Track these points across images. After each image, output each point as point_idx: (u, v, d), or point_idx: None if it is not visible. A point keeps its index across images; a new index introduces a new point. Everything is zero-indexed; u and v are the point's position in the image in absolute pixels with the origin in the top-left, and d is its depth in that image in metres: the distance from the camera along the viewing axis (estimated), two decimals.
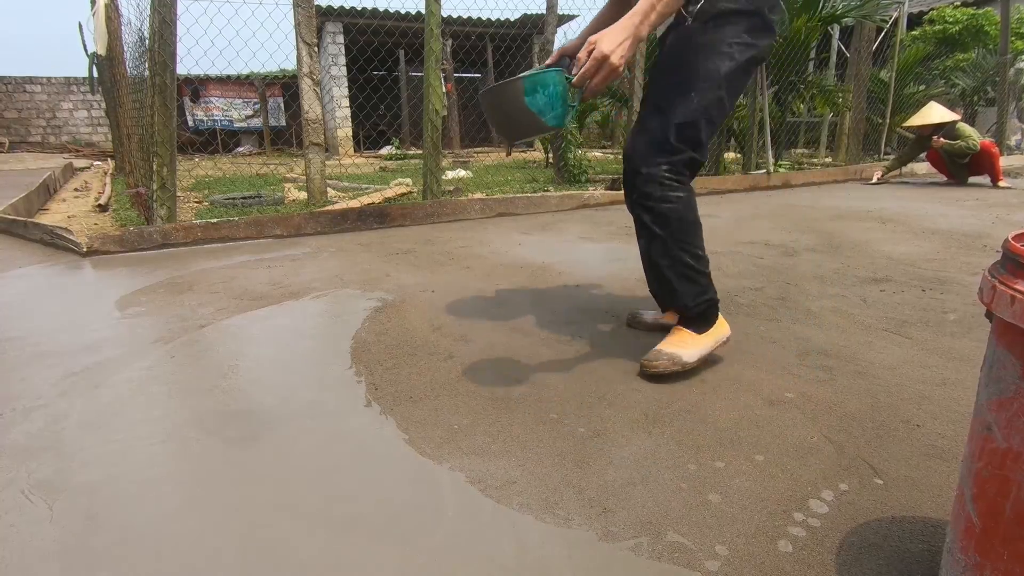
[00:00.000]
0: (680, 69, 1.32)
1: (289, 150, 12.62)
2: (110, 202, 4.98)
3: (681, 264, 1.41)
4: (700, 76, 1.29)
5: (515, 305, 1.97)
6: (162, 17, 3.11)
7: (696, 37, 1.31)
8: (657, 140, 1.34)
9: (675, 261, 1.41)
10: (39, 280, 2.46)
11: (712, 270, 1.54)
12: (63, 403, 1.30)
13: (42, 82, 12.27)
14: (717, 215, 3.98)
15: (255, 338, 1.71)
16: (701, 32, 1.30)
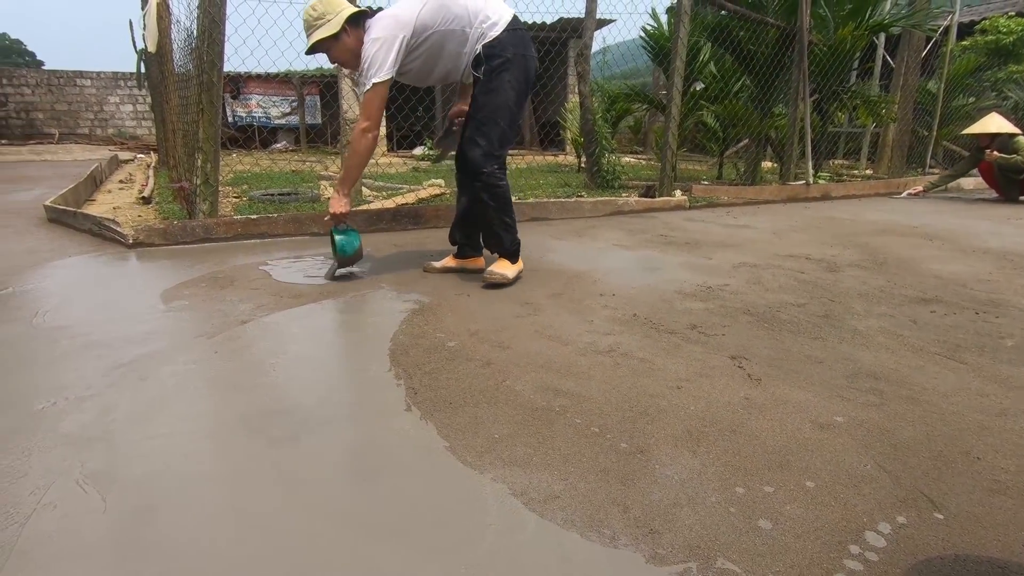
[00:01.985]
0: (486, 107, 2.16)
1: (324, 147, 12.82)
2: (153, 195, 5.12)
3: (503, 222, 2.28)
4: (497, 107, 2.16)
5: (551, 313, 1.96)
6: (212, 17, 3.18)
7: (488, 84, 2.14)
8: (486, 152, 2.18)
9: (501, 220, 2.27)
10: (88, 269, 2.53)
11: (752, 283, 2.20)
12: (112, 394, 1.33)
13: (92, 76, 12.71)
14: (754, 226, 3.90)
15: (295, 336, 1.73)
16: (487, 81, 2.14)
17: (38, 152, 9.97)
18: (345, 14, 2.10)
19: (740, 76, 6.11)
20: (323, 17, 2.10)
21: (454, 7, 2.12)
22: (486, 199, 2.23)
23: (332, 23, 2.09)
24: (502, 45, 2.13)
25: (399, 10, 2.09)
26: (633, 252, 3.00)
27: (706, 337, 1.74)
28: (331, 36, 2.10)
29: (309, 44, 2.16)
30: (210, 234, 3.11)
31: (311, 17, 2.12)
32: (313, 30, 2.13)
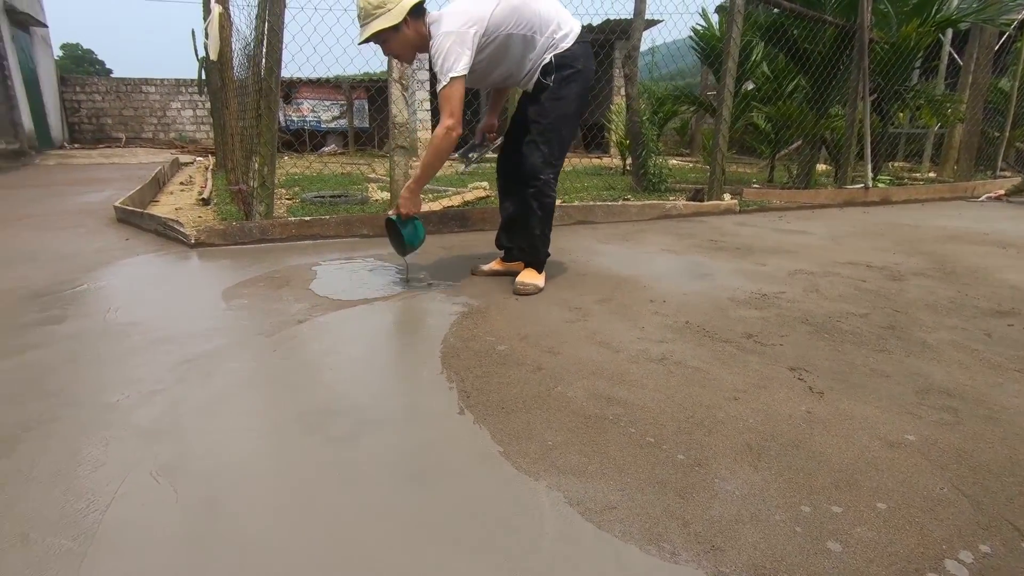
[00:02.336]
0: (552, 113, 2.14)
1: (371, 150, 13.11)
2: (211, 196, 5.34)
3: (544, 235, 2.29)
4: (560, 116, 2.15)
5: (601, 318, 1.94)
6: (271, 25, 3.30)
7: (557, 92, 2.13)
8: (547, 159, 2.17)
9: (543, 232, 2.28)
10: (154, 267, 2.66)
11: (809, 291, 2.20)
12: (180, 389, 1.39)
13: (156, 83, 13.40)
14: (810, 231, 3.76)
15: (348, 337, 1.77)
16: (557, 89, 2.12)
17: (107, 155, 10.56)
18: (407, 4, 1.95)
19: (794, 76, 5.92)
20: (383, 6, 1.95)
21: (527, 12, 2.05)
22: (535, 207, 2.22)
23: (393, 13, 1.94)
24: (574, 56, 2.12)
25: (471, 5, 2.00)
26: (682, 257, 2.94)
27: (763, 347, 1.68)
28: (390, 27, 1.96)
29: (365, 35, 2.00)
30: (266, 235, 3.22)
31: (370, 5, 1.96)
32: (371, 19, 1.98)
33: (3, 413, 1.28)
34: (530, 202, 2.23)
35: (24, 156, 9.25)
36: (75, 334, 1.77)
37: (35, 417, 1.26)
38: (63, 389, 1.40)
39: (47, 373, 1.49)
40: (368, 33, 2.00)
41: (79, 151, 11.27)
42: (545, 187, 2.20)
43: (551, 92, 2.13)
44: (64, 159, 9.85)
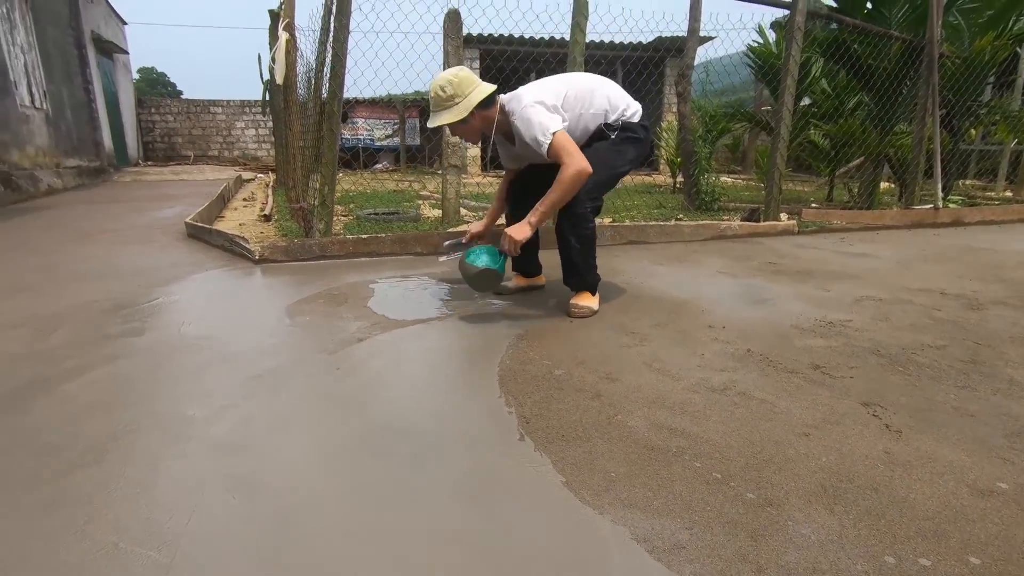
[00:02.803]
0: (605, 153, 2.18)
1: (421, 168, 13.41)
2: (272, 212, 5.58)
3: (588, 264, 2.23)
4: (611, 163, 2.19)
5: (658, 343, 1.90)
6: (335, 53, 3.44)
7: (615, 143, 2.22)
8: (589, 189, 2.10)
9: (586, 262, 2.21)
10: (223, 283, 2.79)
11: (879, 320, 2.17)
12: (250, 405, 1.45)
13: (223, 104, 14.17)
14: (876, 255, 3.60)
15: (407, 356, 1.80)
16: (617, 142, 2.22)
17: (176, 172, 11.20)
18: (475, 99, 2.04)
19: (856, 92, 5.72)
20: (452, 100, 2.04)
21: (598, 96, 2.20)
22: (572, 241, 2.14)
23: (459, 108, 2.04)
24: (640, 127, 2.28)
25: (547, 85, 2.14)
26: (740, 280, 2.86)
27: (832, 379, 1.61)
28: (484, 100, 2.07)
29: (434, 123, 2.09)
30: (325, 252, 3.33)
31: (440, 96, 2.05)
32: (441, 110, 2.08)
33: (96, 421, 1.36)
34: (567, 236, 2.15)
35: (104, 173, 9.92)
36: (153, 346, 1.87)
37: (121, 427, 1.33)
38: (144, 400, 1.48)
39: (130, 383, 1.58)
40: (436, 123, 2.10)
41: (152, 168, 12.00)
42: (583, 219, 2.13)
43: (610, 142, 2.22)
44: (138, 176, 10.51)
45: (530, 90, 2.13)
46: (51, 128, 8.11)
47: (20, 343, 1.90)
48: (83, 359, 1.75)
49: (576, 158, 1.97)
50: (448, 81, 2.03)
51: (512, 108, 2.10)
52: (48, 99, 8.08)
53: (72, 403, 1.46)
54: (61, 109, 8.58)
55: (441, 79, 2.06)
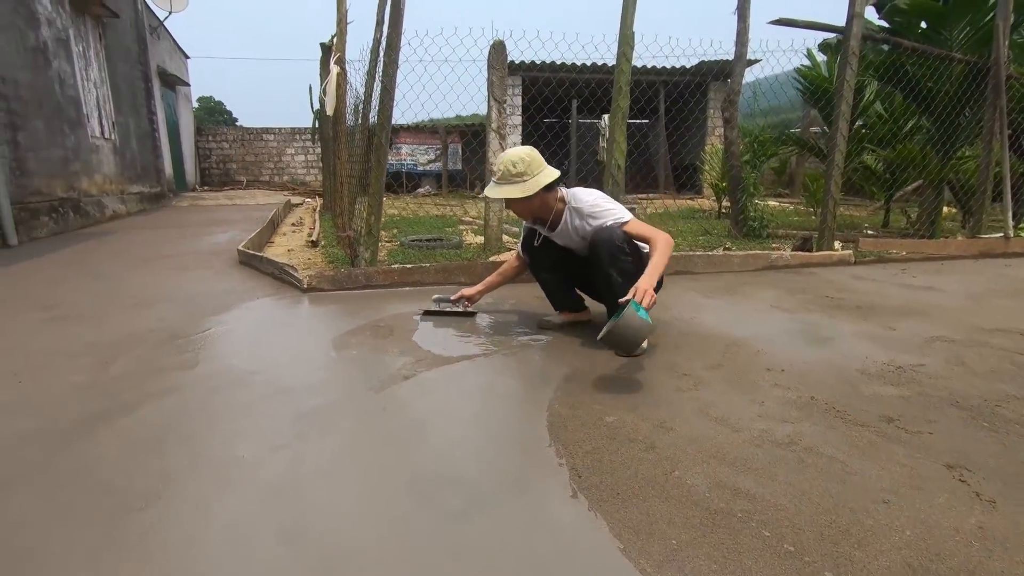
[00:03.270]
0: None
1: (463, 192, 13.60)
2: (319, 238, 5.72)
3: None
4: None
5: (713, 388, 1.82)
6: (384, 85, 3.52)
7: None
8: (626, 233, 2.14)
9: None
10: (273, 312, 2.85)
11: (954, 364, 2.03)
12: (299, 446, 1.44)
13: (274, 132, 14.80)
14: (941, 288, 3.39)
15: (453, 397, 1.77)
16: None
17: (230, 197, 11.68)
18: (542, 181, 2.14)
19: (912, 115, 5.50)
20: (521, 176, 2.13)
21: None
22: (614, 275, 2.13)
23: (527, 186, 2.13)
24: None
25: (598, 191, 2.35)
26: (795, 316, 2.73)
27: (908, 435, 1.49)
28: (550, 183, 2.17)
29: (498, 195, 2.18)
30: (371, 281, 3.37)
31: (509, 172, 2.13)
32: (507, 183, 2.15)
33: (151, 459, 1.37)
34: (608, 271, 2.13)
35: (163, 198, 10.44)
36: (205, 380, 1.90)
37: (173, 467, 1.34)
38: (197, 437, 1.49)
39: (184, 419, 1.60)
40: (502, 195, 2.18)
41: (208, 193, 12.56)
42: (620, 253, 2.13)
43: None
44: (195, 201, 11.01)
45: (589, 190, 2.31)
46: (117, 157, 8.59)
47: (84, 373, 1.97)
48: (139, 391, 1.79)
49: (660, 236, 2.11)
50: (520, 158, 2.12)
51: (575, 203, 2.23)
52: (116, 130, 8.59)
53: (128, 439, 1.48)
54: (127, 139, 9.10)
55: (513, 155, 2.14)
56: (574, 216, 2.25)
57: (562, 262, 2.41)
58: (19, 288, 3.32)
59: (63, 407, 1.68)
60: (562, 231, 2.31)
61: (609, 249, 2.12)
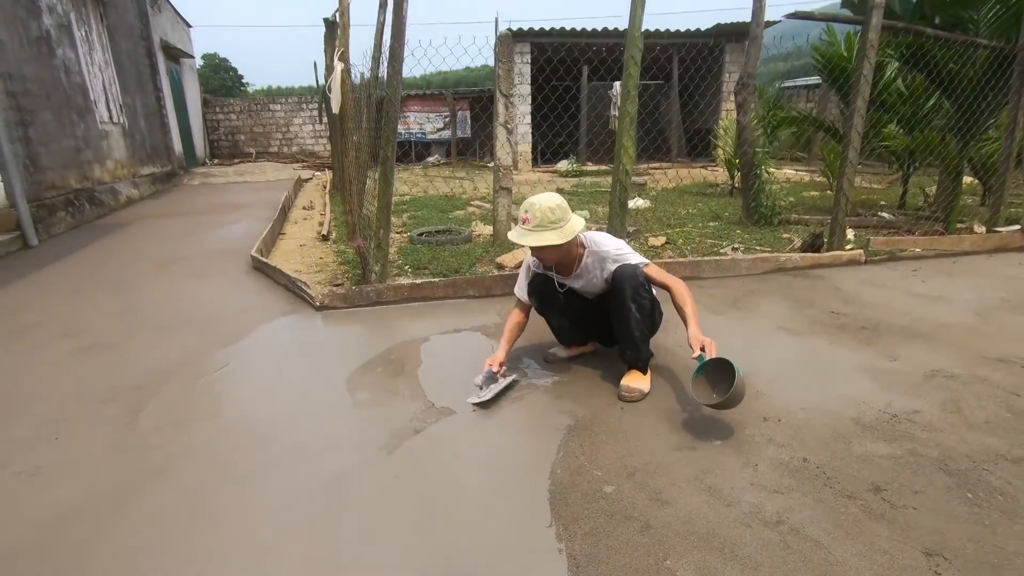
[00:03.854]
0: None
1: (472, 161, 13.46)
2: (331, 230, 5.78)
3: (644, 335, 2.29)
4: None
5: (711, 448, 1.89)
6: (389, 97, 3.49)
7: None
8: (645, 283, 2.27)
9: (642, 332, 2.28)
10: (287, 339, 2.95)
11: (950, 411, 2.10)
12: (316, 525, 1.55)
13: (281, 102, 14.64)
14: (950, 297, 3.38)
15: (461, 459, 1.86)
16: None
17: (240, 172, 11.69)
18: (577, 227, 2.20)
19: (931, 96, 5.31)
20: (559, 223, 2.15)
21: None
22: (633, 309, 2.22)
23: (565, 232, 2.15)
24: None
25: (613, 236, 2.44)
26: (799, 341, 2.77)
27: (894, 510, 1.56)
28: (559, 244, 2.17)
29: (534, 243, 2.15)
30: (381, 298, 3.45)
31: (548, 218, 2.14)
32: (544, 230, 2.15)
33: (179, 543, 1.49)
34: (627, 304, 2.23)
35: (174, 176, 10.49)
36: (226, 435, 2.01)
37: (198, 553, 1.46)
38: (222, 515, 1.60)
39: (208, 491, 1.71)
40: (540, 242, 2.15)
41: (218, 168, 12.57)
42: (642, 288, 2.24)
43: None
44: (206, 178, 11.04)
45: (606, 235, 2.40)
46: (127, 140, 8.61)
47: (114, 425, 2.09)
48: (166, 451, 1.91)
49: (675, 280, 2.27)
50: (558, 204, 2.17)
51: (593, 248, 2.31)
52: (123, 112, 8.57)
53: (158, 519, 1.60)
54: (135, 120, 9.08)
55: (550, 201, 2.17)
56: (596, 260, 2.31)
57: (570, 307, 2.45)
58: (44, 308, 3.45)
59: (97, 474, 1.80)
60: (580, 275, 2.37)
61: (633, 285, 2.21)
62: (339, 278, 4.06)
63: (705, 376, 2.06)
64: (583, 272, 2.35)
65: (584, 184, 9.67)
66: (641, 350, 2.28)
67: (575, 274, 2.37)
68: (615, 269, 2.26)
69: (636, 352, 2.28)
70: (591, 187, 9.33)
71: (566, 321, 2.49)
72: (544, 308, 2.48)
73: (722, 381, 2.01)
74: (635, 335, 2.25)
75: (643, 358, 2.29)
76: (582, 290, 2.42)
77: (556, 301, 2.44)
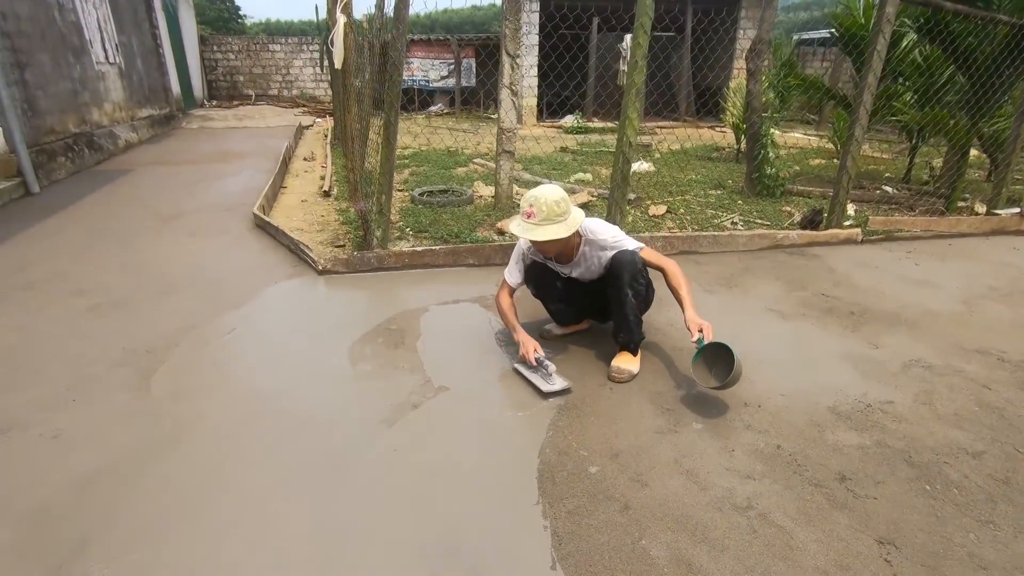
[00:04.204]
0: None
1: (476, 112, 13.19)
2: (332, 187, 5.77)
3: (638, 318, 2.38)
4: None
5: (690, 431, 2.00)
6: (393, 60, 3.44)
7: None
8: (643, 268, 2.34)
9: (636, 316, 2.36)
10: (290, 304, 3.03)
11: (922, 402, 2.22)
12: (319, 500, 1.68)
13: (281, 42, 14.18)
14: (940, 283, 3.46)
15: (457, 432, 1.98)
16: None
17: (239, 117, 11.47)
18: (579, 219, 2.25)
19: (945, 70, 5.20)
20: (564, 216, 2.20)
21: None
22: (629, 295, 2.30)
23: (569, 225, 2.20)
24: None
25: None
26: (787, 324, 2.86)
27: (855, 499, 1.69)
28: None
29: (541, 237, 2.18)
30: (383, 264, 3.51)
31: (554, 211, 2.17)
32: (550, 223, 2.19)
33: (189, 510, 1.62)
34: (624, 289, 2.31)
35: (173, 119, 10.31)
36: (235, 405, 2.12)
37: (214, 518, 1.59)
38: (232, 489, 1.73)
39: (218, 465, 1.83)
40: (546, 236, 2.19)
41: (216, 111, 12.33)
42: (639, 275, 2.32)
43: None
44: (205, 121, 10.86)
45: (601, 222, 2.43)
46: (124, 81, 8.43)
47: (128, 391, 2.20)
48: (178, 419, 2.03)
49: (667, 260, 2.37)
50: (562, 198, 2.21)
51: (594, 231, 2.36)
52: (120, 52, 8.35)
53: (172, 490, 1.73)
54: (132, 60, 8.85)
55: (554, 194, 2.20)
56: (594, 248, 2.37)
57: (568, 293, 2.53)
58: (51, 264, 3.51)
59: (115, 439, 1.92)
60: (578, 263, 2.44)
61: (631, 271, 2.29)
62: (340, 239, 4.11)
63: (703, 359, 2.17)
64: (581, 260, 2.42)
65: (589, 143, 9.53)
66: (634, 333, 2.37)
67: (574, 262, 2.44)
68: (614, 255, 2.33)
69: (629, 335, 2.37)
70: (596, 145, 9.21)
71: (563, 305, 2.57)
72: (543, 294, 2.57)
73: (720, 362, 2.14)
74: (630, 319, 2.33)
75: (635, 340, 2.38)
76: (580, 277, 2.49)
77: (555, 288, 2.51)
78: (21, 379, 2.27)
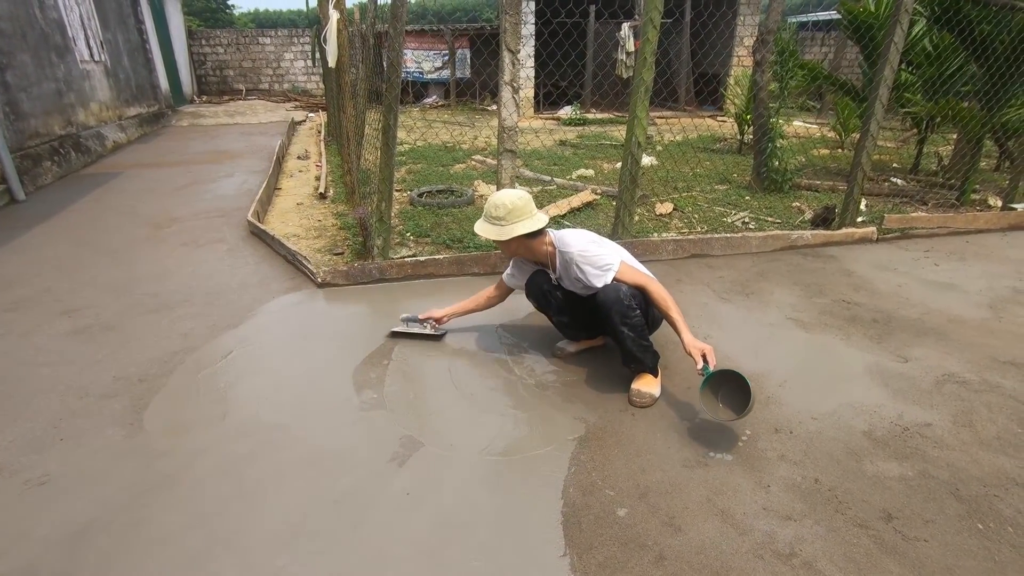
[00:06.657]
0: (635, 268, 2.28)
1: (471, 103, 12.96)
2: (328, 188, 5.60)
3: (642, 346, 2.19)
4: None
5: (724, 465, 1.88)
6: (391, 61, 3.28)
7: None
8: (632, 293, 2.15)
9: (640, 345, 2.19)
10: (290, 322, 2.89)
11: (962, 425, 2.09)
12: (330, 551, 1.55)
13: (271, 35, 13.86)
14: (962, 285, 3.34)
15: (472, 469, 1.85)
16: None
17: (231, 113, 11.23)
18: (517, 231, 2.17)
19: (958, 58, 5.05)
20: (499, 221, 2.17)
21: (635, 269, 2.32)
22: (625, 332, 2.15)
23: (502, 231, 2.17)
24: None
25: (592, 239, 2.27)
26: (810, 336, 2.74)
27: (905, 541, 1.58)
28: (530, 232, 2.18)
29: (506, 235, 2.17)
30: (384, 275, 3.37)
31: (490, 214, 2.18)
32: (487, 223, 2.22)
33: (190, 567, 1.49)
34: (619, 329, 2.15)
35: (162, 117, 10.07)
36: (235, 439, 1.99)
37: None
38: (236, 536, 1.60)
39: (220, 506, 1.70)
40: (481, 232, 2.23)
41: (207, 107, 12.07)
42: (629, 310, 2.14)
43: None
44: (195, 118, 10.62)
45: (578, 232, 2.30)
46: (111, 80, 8.19)
47: (119, 427, 2.06)
48: (175, 458, 1.89)
49: (650, 281, 2.19)
50: (503, 203, 2.17)
51: (564, 242, 2.23)
52: (105, 49, 8.11)
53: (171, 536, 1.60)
54: (118, 57, 8.61)
55: (499, 199, 2.18)
56: (568, 263, 2.23)
57: (568, 304, 2.40)
58: (38, 280, 3.35)
59: (107, 484, 1.79)
60: (560, 274, 2.33)
61: (619, 310, 2.12)
62: (339, 245, 3.96)
63: (710, 387, 2.02)
64: (562, 271, 2.30)
65: (588, 135, 9.36)
66: (644, 359, 2.22)
67: (558, 272, 2.33)
68: (598, 296, 2.17)
69: (640, 363, 2.24)
70: (596, 138, 9.04)
71: (566, 317, 2.45)
72: (543, 307, 2.47)
73: (726, 384, 1.99)
74: (634, 352, 2.19)
75: (648, 365, 2.25)
76: (571, 288, 2.36)
77: (553, 299, 2.40)
78: (5, 414, 2.13)
